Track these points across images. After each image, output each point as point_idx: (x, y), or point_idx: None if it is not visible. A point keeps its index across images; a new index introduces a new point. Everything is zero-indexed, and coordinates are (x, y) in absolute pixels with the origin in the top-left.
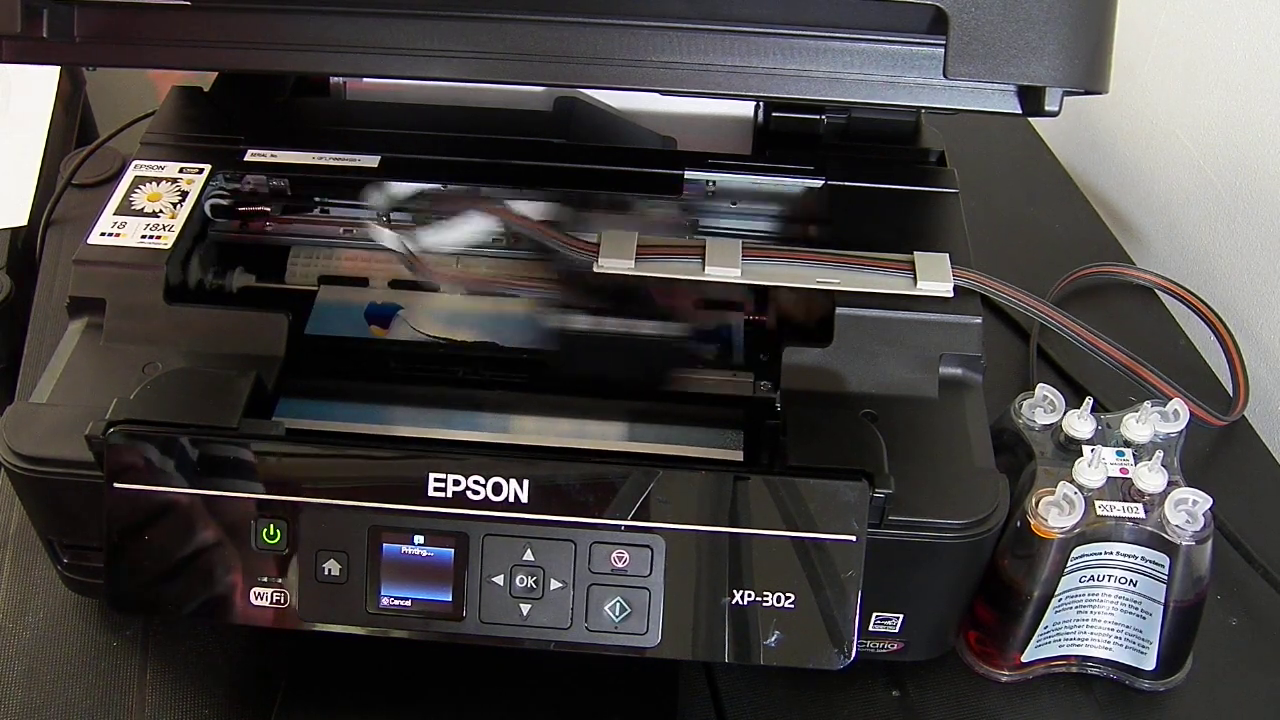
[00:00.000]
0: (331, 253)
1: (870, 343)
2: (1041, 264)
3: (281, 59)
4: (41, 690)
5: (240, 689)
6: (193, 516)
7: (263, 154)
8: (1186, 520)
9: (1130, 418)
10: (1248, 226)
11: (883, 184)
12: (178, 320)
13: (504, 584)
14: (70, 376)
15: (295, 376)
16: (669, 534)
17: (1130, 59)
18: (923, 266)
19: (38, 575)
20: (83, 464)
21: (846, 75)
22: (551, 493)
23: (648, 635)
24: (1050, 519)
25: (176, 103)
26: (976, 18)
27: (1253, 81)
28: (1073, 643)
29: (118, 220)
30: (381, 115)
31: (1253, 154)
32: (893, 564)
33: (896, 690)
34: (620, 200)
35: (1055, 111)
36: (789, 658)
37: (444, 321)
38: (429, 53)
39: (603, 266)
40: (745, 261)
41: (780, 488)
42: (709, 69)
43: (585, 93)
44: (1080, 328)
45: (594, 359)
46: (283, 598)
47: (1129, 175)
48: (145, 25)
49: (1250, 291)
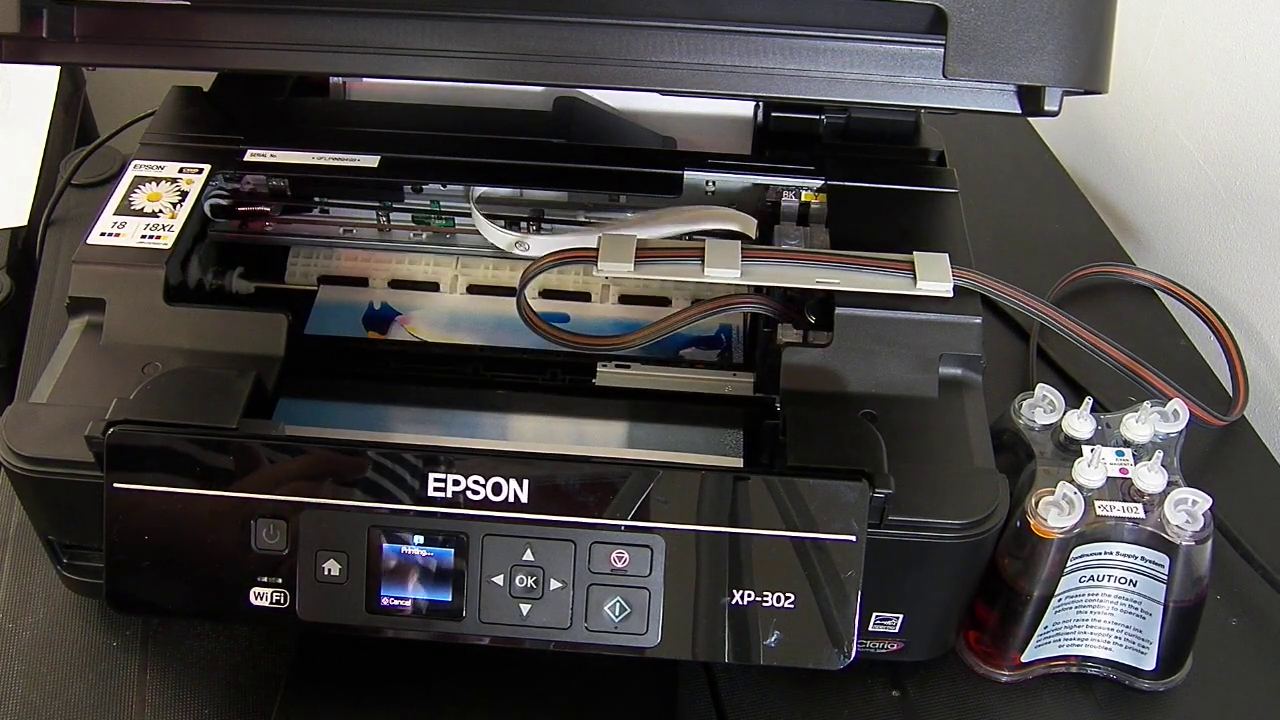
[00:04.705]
0: (331, 253)
1: (870, 343)
2: (1041, 264)
3: (281, 59)
4: (41, 690)
5: (240, 689)
6: (193, 516)
7: (262, 154)
8: (1186, 520)
9: (1130, 418)
10: (1248, 226)
11: (882, 184)
12: (177, 320)
13: (504, 584)
14: (70, 376)
15: (295, 376)
16: (669, 534)
17: (1130, 59)
18: (922, 266)
19: (38, 575)
20: (83, 464)
21: (846, 75)
22: (551, 493)
23: (647, 635)
24: (1050, 519)
25: (176, 103)
26: (976, 18)
27: (1253, 81)
28: (1073, 643)
29: (117, 220)
30: (381, 115)
31: (1252, 154)
32: (893, 564)
33: (896, 690)
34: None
35: (1055, 111)
36: (789, 658)
37: (443, 325)
38: (429, 53)
39: (602, 270)
40: (745, 262)
41: (780, 488)
42: (709, 69)
43: (585, 93)
44: (1080, 328)
45: None
46: (283, 598)
47: (1129, 175)
48: (145, 25)
49: (1250, 291)
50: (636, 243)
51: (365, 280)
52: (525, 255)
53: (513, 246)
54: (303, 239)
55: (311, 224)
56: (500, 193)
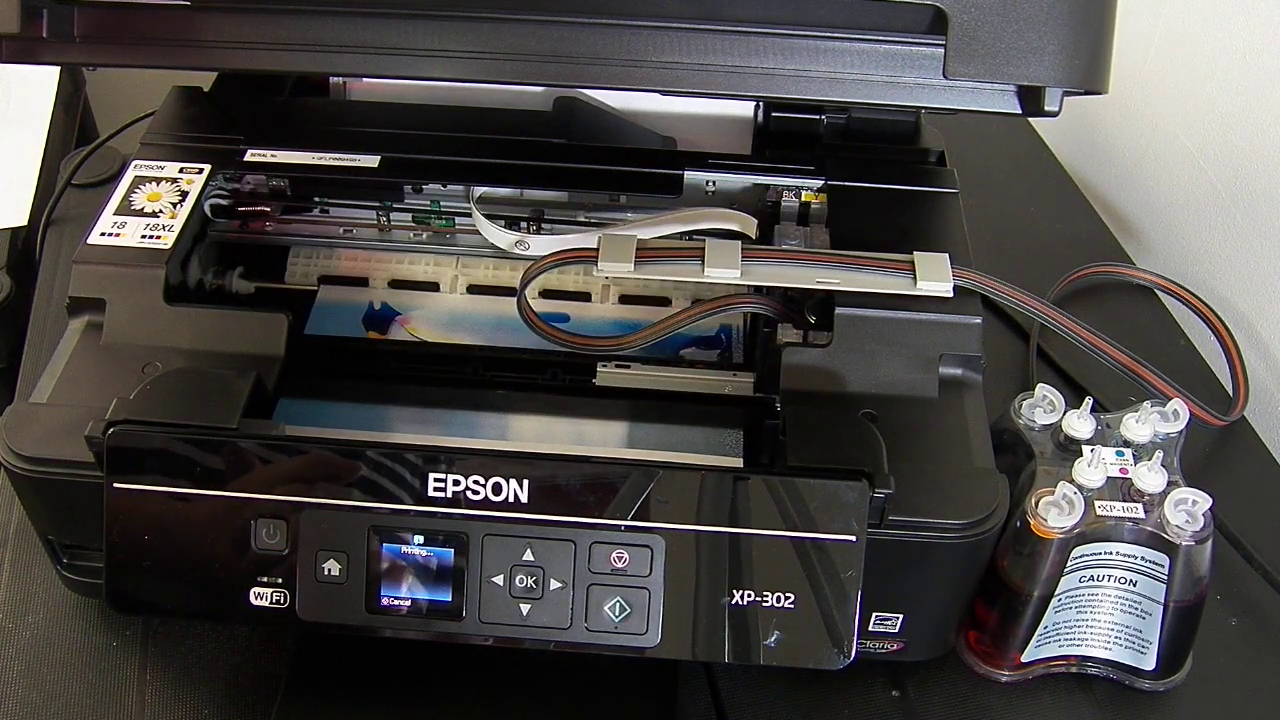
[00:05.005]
0: (331, 253)
1: (870, 343)
2: (1041, 264)
3: (281, 59)
4: (41, 690)
5: (240, 689)
6: (193, 516)
7: (262, 154)
8: (1186, 520)
9: (1130, 418)
10: (1248, 226)
11: (882, 184)
12: (177, 320)
13: (504, 584)
14: (70, 376)
15: (295, 376)
16: (669, 534)
17: (1130, 59)
18: (922, 266)
19: (38, 575)
20: (83, 464)
21: (846, 75)
22: (551, 493)
23: (647, 635)
24: (1050, 519)
25: (176, 103)
26: (976, 18)
27: (1253, 81)
28: (1073, 643)
29: (118, 220)
30: (381, 115)
31: (1253, 154)
32: (893, 564)
33: (896, 690)
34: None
35: (1055, 111)
36: (789, 658)
37: (443, 325)
38: (429, 53)
39: (602, 270)
40: (745, 262)
41: (780, 488)
42: (709, 69)
43: (585, 93)
44: (1080, 328)
45: None
46: (283, 598)
47: (1129, 175)
48: (145, 25)
49: (1250, 291)
50: (637, 243)
51: (365, 280)
52: (526, 255)
53: (513, 246)
54: (303, 239)
55: (311, 224)
56: (500, 193)
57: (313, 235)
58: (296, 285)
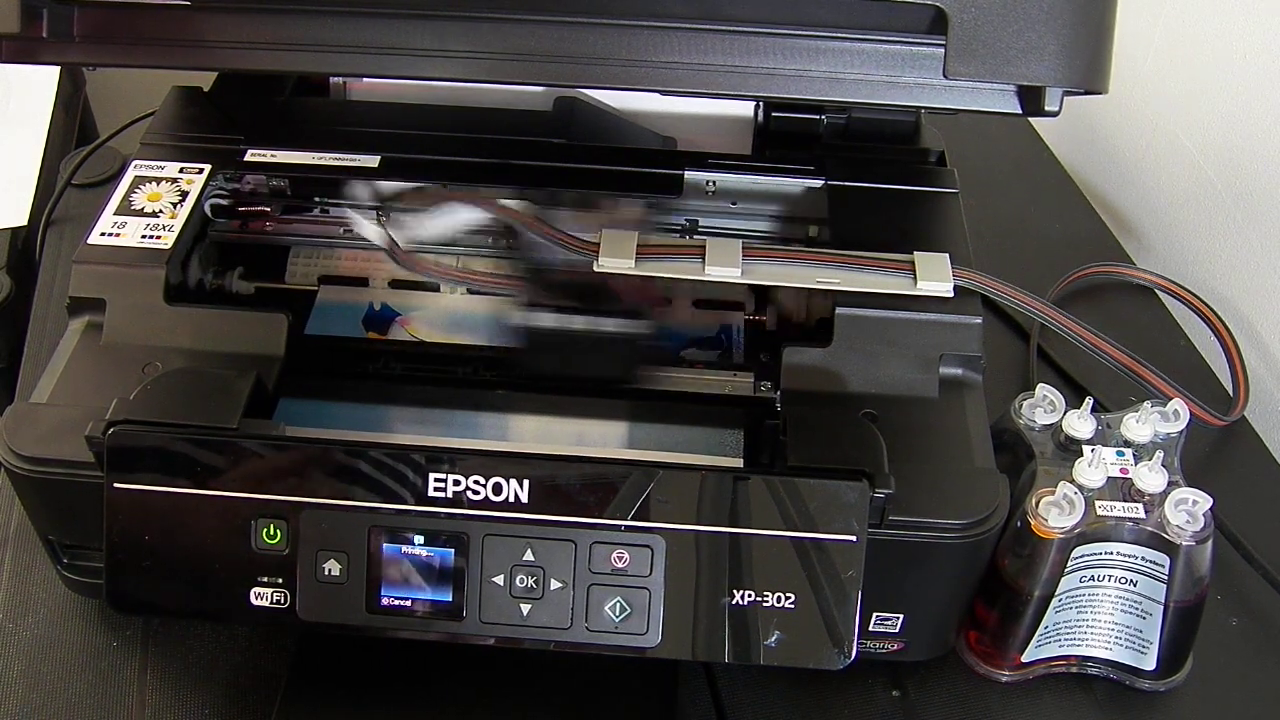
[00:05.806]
0: (331, 253)
1: (870, 343)
2: (1041, 264)
3: (281, 59)
4: (41, 690)
5: (240, 689)
6: (193, 516)
7: (262, 154)
8: (1186, 520)
9: (1130, 418)
10: (1248, 226)
11: (882, 184)
12: (178, 320)
13: (504, 584)
14: (70, 376)
15: (295, 376)
16: (669, 534)
17: (1130, 59)
18: (923, 266)
19: (38, 575)
20: (83, 464)
21: (846, 75)
22: (551, 493)
23: (648, 635)
24: (1050, 519)
25: (176, 103)
26: (976, 18)
27: (1253, 81)
28: (1073, 643)
29: (118, 220)
30: (381, 115)
31: (1253, 154)
32: (893, 564)
33: (896, 690)
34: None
35: (1055, 111)
36: (789, 658)
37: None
38: (429, 53)
39: (603, 266)
40: (745, 261)
41: (780, 488)
42: (709, 69)
43: (585, 93)
44: (1080, 328)
45: (570, 356)
46: (283, 598)
47: (1129, 175)
48: (145, 25)
49: (1250, 291)
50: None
51: (365, 280)
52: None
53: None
54: (303, 239)
55: (311, 224)
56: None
57: (313, 235)
58: (296, 285)
